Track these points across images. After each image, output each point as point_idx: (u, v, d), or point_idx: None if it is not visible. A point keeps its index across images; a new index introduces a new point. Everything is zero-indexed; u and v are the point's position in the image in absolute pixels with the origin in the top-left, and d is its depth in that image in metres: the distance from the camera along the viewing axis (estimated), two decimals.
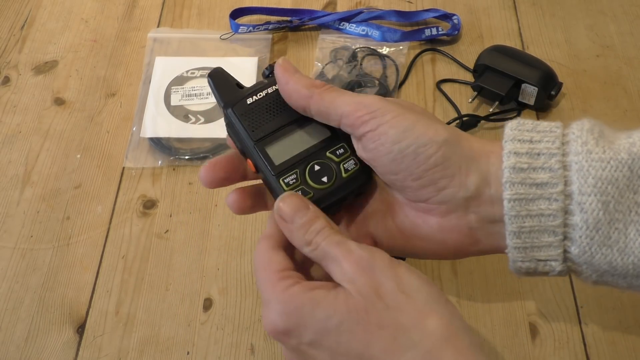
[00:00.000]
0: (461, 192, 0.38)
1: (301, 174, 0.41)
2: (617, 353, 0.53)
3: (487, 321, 0.54)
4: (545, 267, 0.38)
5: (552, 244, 0.37)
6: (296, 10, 0.77)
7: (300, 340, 0.36)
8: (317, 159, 0.41)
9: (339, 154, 0.42)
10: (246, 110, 0.42)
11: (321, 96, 0.40)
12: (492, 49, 0.69)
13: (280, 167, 0.41)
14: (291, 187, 0.41)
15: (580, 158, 0.36)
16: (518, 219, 0.37)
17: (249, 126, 0.42)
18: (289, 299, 0.36)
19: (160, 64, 0.73)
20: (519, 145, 0.37)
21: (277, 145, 0.42)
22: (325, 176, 0.41)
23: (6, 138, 0.68)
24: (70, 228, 0.61)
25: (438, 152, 0.37)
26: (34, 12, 0.80)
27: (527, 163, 0.37)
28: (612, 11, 0.77)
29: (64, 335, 0.55)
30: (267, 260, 0.38)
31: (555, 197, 0.36)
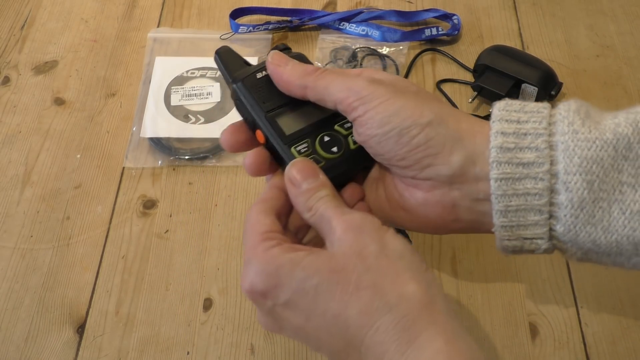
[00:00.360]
0: (445, 170, 0.39)
1: (312, 144, 0.43)
2: (617, 353, 0.53)
3: (487, 321, 0.54)
4: (532, 245, 0.39)
5: (538, 223, 0.38)
6: (296, 10, 0.77)
7: (276, 302, 0.37)
8: (326, 131, 0.43)
9: (346, 127, 0.43)
10: (256, 83, 0.43)
11: (315, 85, 0.41)
12: (492, 49, 0.69)
13: (292, 137, 0.42)
14: (303, 154, 0.42)
15: (566, 138, 0.36)
16: (505, 198, 0.38)
17: (259, 98, 0.43)
18: (269, 259, 0.37)
19: (160, 64, 0.73)
20: (506, 125, 0.38)
21: (287, 116, 0.43)
22: (335, 146, 0.43)
23: (6, 138, 0.68)
24: (70, 228, 0.61)
25: (421, 134, 0.38)
26: (34, 12, 0.80)
27: (514, 143, 0.37)
28: (612, 11, 0.77)
29: (64, 335, 0.55)
30: (255, 221, 0.39)
31: (542, 177, 0.37)
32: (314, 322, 0.36)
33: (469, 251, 0.58)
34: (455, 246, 0.59)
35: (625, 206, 0.36)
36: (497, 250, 0.41)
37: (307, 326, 0.37)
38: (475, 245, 0.59)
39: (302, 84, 0.42)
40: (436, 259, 0.58)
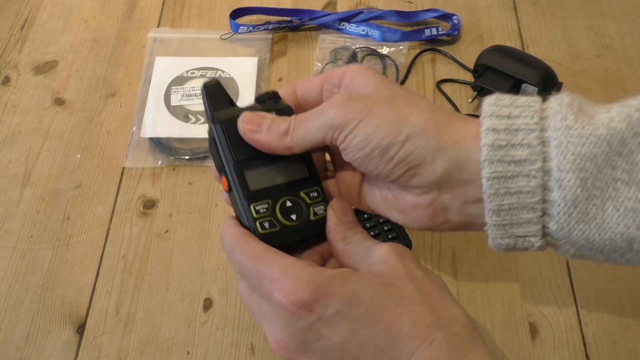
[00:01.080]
0: (430, 177, 0.39)
1: (272, 206, 0.41)
2: (617, 353, 0.53)
3: (487, 321, 0.54)
4: (525, 243, 0.39)
5: (531, 221, 0.37)
6: (296, 10, 0.77)
7: (323, 313, 0.36)
8: (290, 195, 0.42)
9: (312, 196, 0.42)
10: (234, 129, 0.42)
11: (294, 142, 0.41)
12: (492, 49, 0.69)
13: (254, 194, 0.41)
14: (260, 215, 0.41)
15: (559, 134, 0.36)
16: (497, 197, 0.37)
17: (232, 145, 0.42)
18: (316, 271, 0.37)
19: (160, 64, 0.73)
20: (497, 122, 0.37)
21: (256, 171, 0.42)
22: (294, 214, 0.42)
23: (6, 138, 0.68)
24: (70, 228, 0.61)
25: (400, 151, 0.38)
26: (34, 12, 0.80)
27: (505, 140, 0.37)
28: (612, 11, 0.77)
29: (64, 335, 0.55)
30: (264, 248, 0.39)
31: (534, 174, 0.36)
32: (361, 335, 0.36)
33: (469, 251, 0.58)
34: (455, 246, 0.59)
35: (619, 203, 0.35)
36: (490, 248, 0.40)
37: (349, 342, 0.36)
38: (475, 245, 0.59)
39: (284, 147, 0.41)
40: (436, 259, 0.58)
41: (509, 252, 0.40)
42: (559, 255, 0.40)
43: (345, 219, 0.41)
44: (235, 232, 0.40)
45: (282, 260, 0.38)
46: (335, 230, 0.41)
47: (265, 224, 0.41)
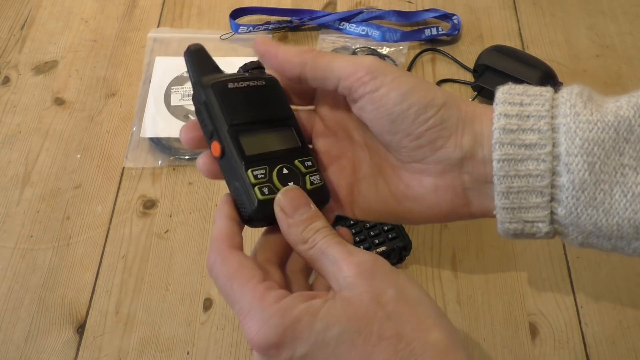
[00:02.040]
0: (456, 152, 0.39)
1: (269, 172, 0.39)
2: (617, 353, 0.53)
3: (487, 321, 0.54)
4: (532, 228, 0.39)
5: (540, 205, 0.38)
6: (296, 10, 0.77)
7: (291, 355, 0.35)
8: (286, 163, 0.40)
9: (307, 165, 0.41)
10: (226, 92, 0.40)
11: (315, 61, 0.39)
12: (492, 49, 0.69)
13: (250, 159, 0.39)
14: (258, 181, 0.39)
15: (568, 120, 0.36)
16: (507, 179, 0.37)
17: (226, 109, 0.39)
18: (283, 311, 0.35)
19: (160, 64, 0.73)
20: (509, 108, 0.38)
21: (250, 137, 0.40)
22: (292, 181, 0.39)
23: (6, 138, 0.68)
24: (70, 228, 0.61)
25: (437, 114, 0.38)
26: (34, 12, 0.80)
27: (516, 124, 0.37)
28: (612, 11, 0.77)
29: (64, 335, 0.55)
30: (238, 266, 0.37)
31: (543, 158, 0.37)
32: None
33: (469, 251, 0.58)
34: (455, 246, 0.59)
35: (627, 188, 0.36)
36: (498, 234, 0.40)
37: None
38: (475, 245, 0.59)
39: (301, 61, 0.39)
40: (436, 259, 0.58)
41: (517, 238, 0.40)
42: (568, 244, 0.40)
43: (298, 216, 0.37)
44: (221, 227, 0.38)
45: (251, 290, 0.35)
46: (289, 234, 0.37)
47: (264, 189, 0.39)
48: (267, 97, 0.41)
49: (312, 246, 0.37)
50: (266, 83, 0.41)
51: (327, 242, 0.36)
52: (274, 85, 0.42)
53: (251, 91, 0.41)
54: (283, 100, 0.42)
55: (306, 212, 0.38)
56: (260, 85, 0.41)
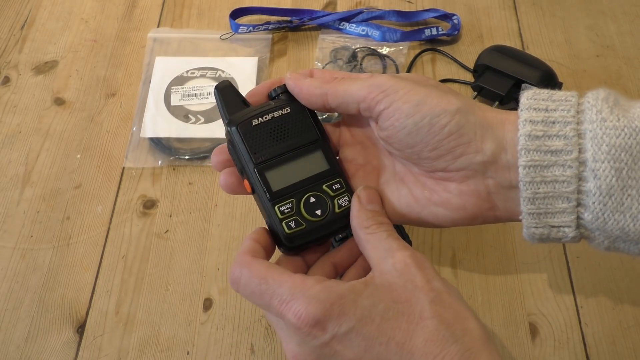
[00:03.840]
0: (478, 157, 0.39)
1: (296, 204, 0.42)
2: (617, 353, 0.53)
3: (487, 321, 0.54)
4: (559, 233, 0.39)
5: (566, 210, 0.38)
6: (296, 10, 0.77)
7: (336, 332, 0.36)
8: (313, 191, 0.42)
9: (334, 188, 0.43)
10: (250, 131, 0.42)
11: (335, 90, 0.41)
12: (492, 49, 0.69)
13: (277, 195, 0.42)
14: (285, 215, 0.42)
15: (594, 126, 0.36)
16: (533, 185, 0.38)
17: (251, 148, 0.42)
18: (326, 288, 0.37)
19: (160, 64, 0.73)
20: (535, 114, 0.38)
21: (277, 171, 0.42)
22: (319, 209, 0.42)
23: (6, 138, 0.68)
24: (70, 228, 0.61)
25: (452, 121, 0.38)
26: (34, 12, 0.80)
27: (542, 131, 0.38)
28: (612, 11, 0.77)
29: (64, 335, 0.55)
30: (267, 268, 0.38)
31: (570, 164, 0.37)
32: (374, 352, 0.36)
33: (469, 251, 0.58)
34: (455, 246, 0.59)
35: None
36: (524, 238, 0.40)
37: (363, 358, 0.36)
38: (475, 245, 0.59)
39: (322, 92, 0.41)
40: (436, 259, 0.58)
41: (543, 242, 0.40)
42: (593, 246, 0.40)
43: (369, 207, 0.41)
44: (245, 246, 0.41)
45: (290, 278, 0.38)
46: (357, 217, 0.41)
47: (291, 223, 0.42)
48: (293, 124, 0.43)
49: (373, 232, 0.40)
50: (291, 109, 0.43)
51: (388, 234, 0.39)
52: (300, 110, 0.43)
53: (275, 123, 0.43)
54: (309, 124, 0.43)
55: (378, 207, 0.41)
56: (284, 114, 0.43)
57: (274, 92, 0.44)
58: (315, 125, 0.43)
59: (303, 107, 0.43)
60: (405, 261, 0.38)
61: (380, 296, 0.37)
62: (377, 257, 0.39)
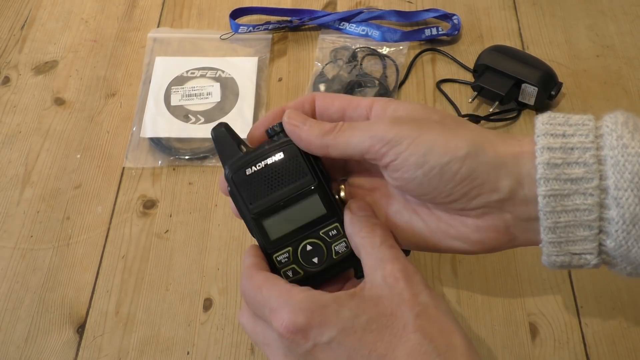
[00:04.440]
0: (494, 196, 0.38)
1: (293, 253, 0.42)
2: (617, 353, 0.53)
3: (487, 321, 0.54)
4: (580, 260, 0.38)
5: (588, 238, 0.37)
6: (296, 10, 0.77)
7: (318, 340, 0.36)
8: (310, 238, 0.42)
9: (331, 235, 0.42)
10: (245, 181, 0.42)
11: (335, 142, 0.40)
12: (492, 49, 0.69)
13: (275, 244, 0.42)
14: (283, 265, 0.42)
15: (615, 152, 0.35)
16: (553, 215, 0.37)
17: (247, 198, 0.42)
18: (311, 297, 0.37)
19: (160, 64, 0.73)
20: (552, 140, 0.37)
21: (274, 219, 0.42)
22: (316, 257, 0.42)
23: (6, 138, 0.68)
24: (70, 228, 0.61)
25: (462, 168, 0.37)
26: (34, 12, 0.80)
27: (561, 158, 0.37)
28: (612, 11, 0.77)
29: (64, 335, 0.55)
30: (265, 278, 0.39)
31: (591, 192, 0.36)
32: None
33: None
34: None
35: None
36: (543, 265, 0.40)
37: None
38: None
39: (322, 144, 0.40)
40: (436, 259, 0.58)
41: (564, 269, 0.40)
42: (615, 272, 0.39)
43: (361, 214, 0.41)
44: (246, 261, 0.41)
45: (278, 288, 0.38)
46: (350, 225, 0.41)
47: (288, 272, 0.42)
48: (287, 170, 0.42)
49: (366, 236, 0.39)
50: (284, 154, 0.42)
51: (382, 240, 0.39)
52: (294, 154, 0.42)
53: (270, 170, 0.42)
54: (304, 168, 0.42)
55: (368, 213, 0.41)
56: (278, 160, 0.42)
57: (271, 131, 0.43)
58: (310, 168, 0.42)
59: (297, 150, 0.42)
60: (395, 275, 0.37)
61: (365, 308, 0.36)
62: (370, 266, 0.38)
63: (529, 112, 0.68)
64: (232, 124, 0.68)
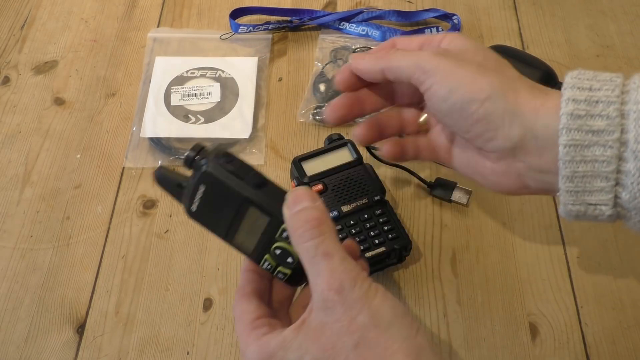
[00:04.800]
0: (505, 143, 0.40)
1: (272, 259, 0.43)
2: (617, 353, 0.53)
3: (487, 321, 0.54)
4: (595, 211, 0.39)
5: (604, 189, 0.38)
6: (296, 10, 0.77)
7: None
8: (275, 243, 0.42)
9: (284, 236, 0.42)
10: (197, 214, 0.43)
11: (389, 65, 0.43)
12: (492, 49, 0.69)
13: (255, 254, 0.43)
14: (271, 270, 0.43)
15: (638, 107, 0.36)
16: (572, 164, 0.38)
17: (209, 226, 0.44)
18: (262, 347, 0.38)
19: (160, 64, 0.73)
20: (578, 93, 0.38)
21: (238, 235, 0.43)
22: (289, 257, 0.42)
23: (6, 138, 0.68)
24: (70, 228, 0.61)
25: (480, 109, 0.40)
26: (34, 12, 0.80)
27: (585, 110, 0.38)
28: (612, 11, 0.77)
29: (64, 335, 0.55)
30: (241, 311, 0.41)
31: (611, 145, 0.37)
32: None
33: (469, 251, 0.58)
34: (455, 246, 0.59)
35: None
36: (560, 215, 0.41)
37: None
38: (475, 245, 0.59)
39: (379, 69, 0.44)
40: (436, 259, 0.58)
41: (579, 219, 0.41)
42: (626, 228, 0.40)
43: (296, 208, 0.39)
44: (240, 281, 0.43)
45: (244, 329, 0.40)
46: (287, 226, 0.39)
47: (279, 275, 0.43)
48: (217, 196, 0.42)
49: (300, 241, 0.38)
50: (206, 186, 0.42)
51: (317, 243, 0.37)
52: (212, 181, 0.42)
53: (206, 200, 0.43)
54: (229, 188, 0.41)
55: (305, 203, 0.39)
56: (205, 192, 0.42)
57: (186, 162, 0.43)
58: (233, 189, 0.41)
59: (212, 177, 0.41)
60: (332, 298, 0.36)
61: (308, 346, 0.37)
62: (311, 282, 0.38)
63: None
64: (232, 123, 0.68)
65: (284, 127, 0.68)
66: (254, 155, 0.66)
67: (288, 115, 0.69)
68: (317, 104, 0.69)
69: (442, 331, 0.54)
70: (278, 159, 0.65)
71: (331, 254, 0.37)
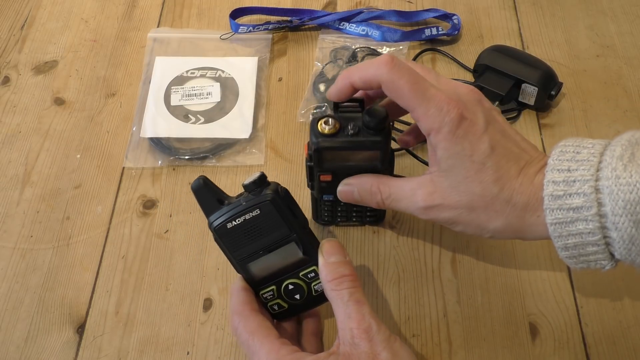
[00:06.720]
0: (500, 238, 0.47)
1: (277, 291, 0.49)
2: (617, 353, 0.53)
3: (487, 321, 0.54)
4: (597, 265, 0.43)
5: (597, 252, 0.42)
6: (296, 10, 0.77)
7: None
8: (292, 279, 0.49)
9: (310, 276, 0.49)
10: (227, 233, 0.47)
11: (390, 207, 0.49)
12: (492, 49, 0.69)
13: (260, 282, 0.49)
14: (268, 300, 0.49)
15: (610, 183, 0.40)
16: (562, 238, 0.42)
17: (230, 248, 0.47)
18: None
19: (160, 64, 0.73)
20: (557, 175, 0.42)
21: (257, 262, 0.48)
22: (298, 294, 0.49)
23: (6, 138, 0.68)
24: (70, 228, 0.61)
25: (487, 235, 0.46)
26: (34, 12, 0.80)
27: (562, 190, 0.41)
28: (612, 11, 0.77)
29: (64, 335, 0.55)
30: (258, 325, 0.46)
31: (591, 219, 0.41)
32: None
33: (469, 251, 0.58)
34: (455, 246, 0.59)
35: None
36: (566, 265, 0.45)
37: None
38: (475, 245, 0.59)
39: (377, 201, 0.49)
40: (436, 259, 0.58)
41: (585, 270, 0.45)
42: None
43: (332, 259, 0.46)
44: (239, 298, 0.48)
45: (269, 342, 0.44)
46: (322, 272, 0.46)
47: (274, 306, 0.50)
48: (264, 224, 0.47)
49: (335, 288, 0.45)
50: (261, 211, 0.46)
51: (350, 293, 0.45)
52: (269, 210, 0.46)
53: (248, 224, 0.46)
54: (279, 222, 0.46)
55: (339, 257, 0.46)
56: (255, 216, 0.46)
57: (252, 185, 0.46)
58: (285, 222, 0.46)
59: (271, 206, 0.46)
60: (361, 336, 0.43)
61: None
62: (340, 321, 0.44)
63: (529, 111, 0.68)
64: (232, 123, 0.68)
65: (284, 127, 0.68)
66: (253, 155, 0.66)
67: (288, 115, 0.69)
68: (317, 104, 0.69)
69: (442, 331, 0.54)
70: (278, 159, 0.65)
71: (362, 302, 0.44)
